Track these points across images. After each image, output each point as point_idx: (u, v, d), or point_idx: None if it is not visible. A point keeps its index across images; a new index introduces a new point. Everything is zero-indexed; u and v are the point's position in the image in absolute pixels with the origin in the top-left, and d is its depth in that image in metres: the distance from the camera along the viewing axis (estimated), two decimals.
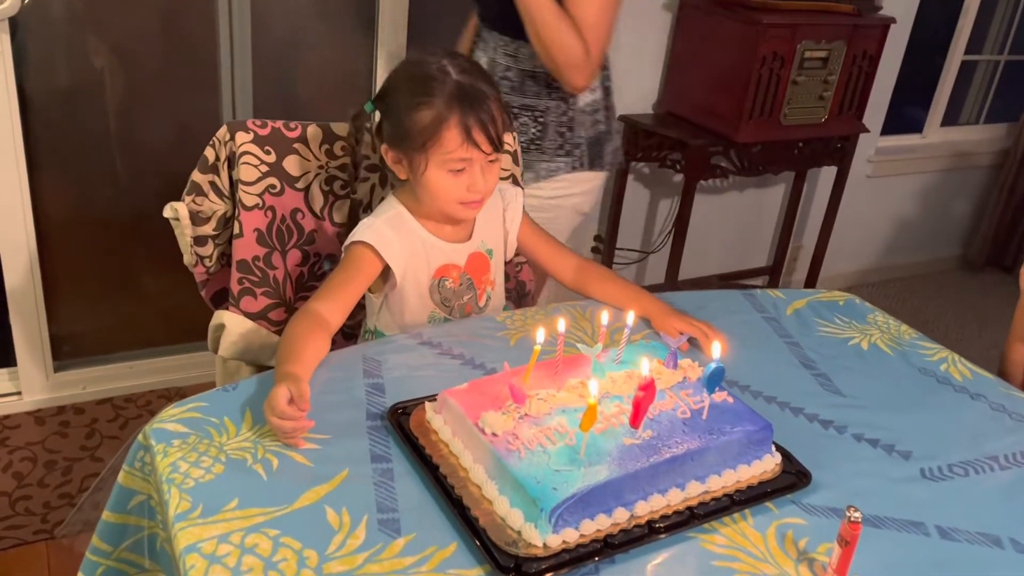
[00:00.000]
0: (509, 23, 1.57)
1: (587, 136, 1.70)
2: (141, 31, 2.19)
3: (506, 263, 1.49)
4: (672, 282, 2.71)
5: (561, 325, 1.10)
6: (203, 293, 1.55)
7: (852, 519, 0.89)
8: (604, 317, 1.18)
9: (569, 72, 1.56)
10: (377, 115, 1.33)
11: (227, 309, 1.48)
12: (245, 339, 1.47)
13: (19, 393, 2.29)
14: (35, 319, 2.22)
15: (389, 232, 1.30)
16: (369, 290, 1.35)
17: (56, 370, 2.32)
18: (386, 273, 1.32)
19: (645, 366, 0.99)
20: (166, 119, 2.30)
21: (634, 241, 2.95)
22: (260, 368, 1.52)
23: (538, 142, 1.68)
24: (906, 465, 1.13)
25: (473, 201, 1.28)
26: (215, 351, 1.51)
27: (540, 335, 1.06)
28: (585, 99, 1.68)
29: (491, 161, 1.27)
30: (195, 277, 1.52)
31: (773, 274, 3.24)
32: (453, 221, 1.35)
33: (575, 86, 1.60)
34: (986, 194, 3.75)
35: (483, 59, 1.68)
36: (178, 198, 1.44)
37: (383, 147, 1.31)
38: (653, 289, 1.48)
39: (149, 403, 2.39)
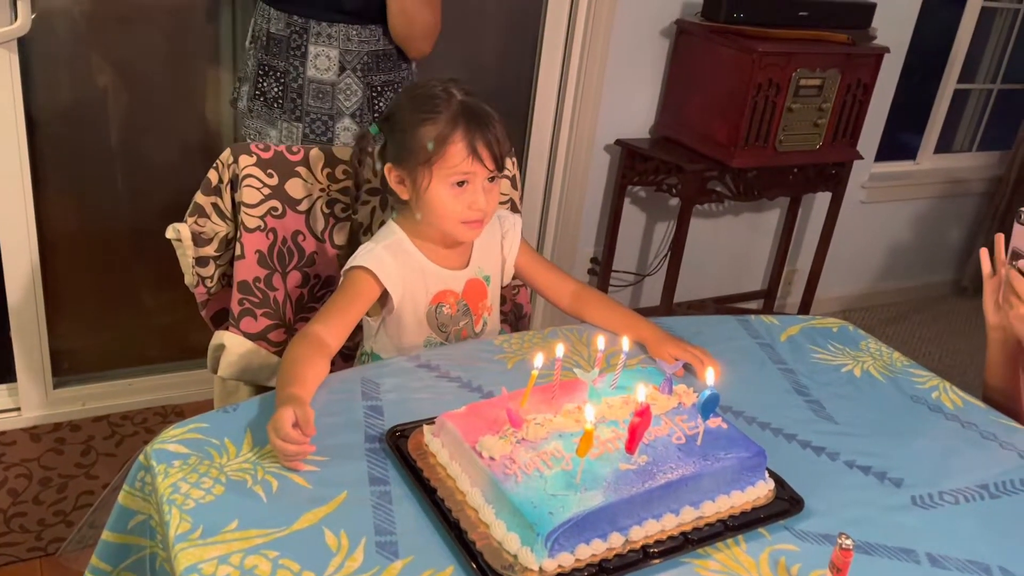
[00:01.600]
0: (367, 11, 1.73)
1: None
2: (144, 51, 2.21)
3: (503, 286, 1.51)
4: (668, 305, 2.73)
5: (559, 350, 1.11)
6: (203, 313, 1.56)
7: (844, 546, 0.90)
8: (600, 342, 1.19)
9: (423, 41, 1.78)
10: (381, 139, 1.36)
11: (227, 329, 1.49)
12: (245, 359, 1.49)
13: (18, 409, 2.30)
14: (36, 335, 2.23)
15: (388, 257, 1.32)
16: (367, 313, 1.37)
17: (55, 387, 2.33)
18: (384, 297, 1.34)
19: (641, 392, 1.01)
20: (167, 138, 2.32)
21: (630, 264, 2.98)
22: (259, 388, 1.53)
23: None
24: (898, 492, 1.15)
25: (474, 220, 1.31)
26: (214, 371, 1.52)
27: (538, 360, 1.07)
28: (414, 62, 1.89)
29: (491, 180, 1.30)
30: (196, 297, 1.53)
31: (768, 298, 3.26)
32: (453, 244, 1.37)
33: (424, 53, 1.81)
34: (979, 221, 3.79)
35: (332, 53, 1.74)
36: (179, 217, 1.46)
37: (386, 167, 1.33)
38: (648, 312, 1.50)
39: (145, 420, 2.40)
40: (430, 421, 1.11)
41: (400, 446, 1.09)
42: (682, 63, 2.68)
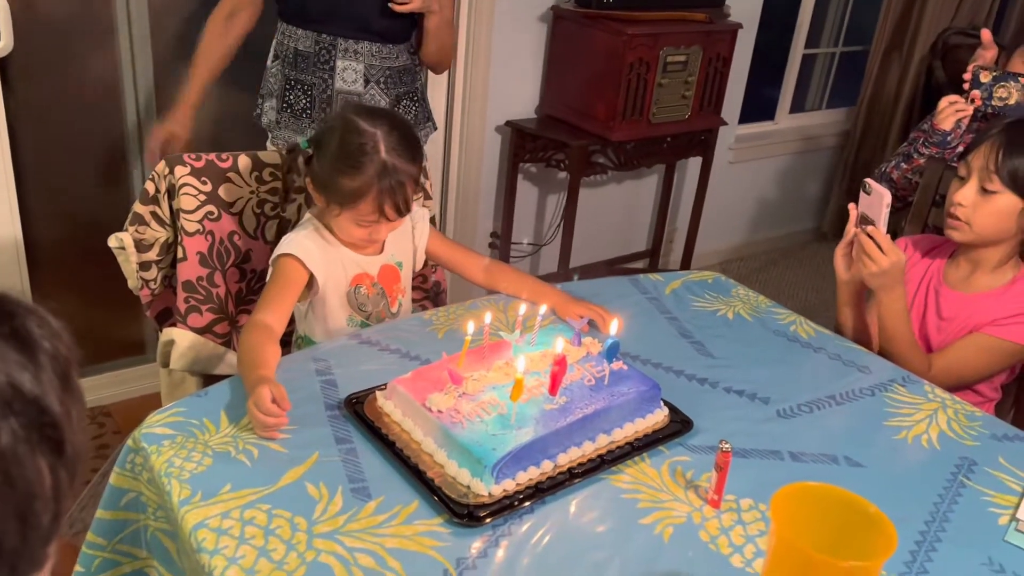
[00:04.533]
0: (390, 33, 1.96)
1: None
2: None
3: (418, 270, 1.70)
4: (564, 270, 2.97)
5: (487, 317, 1.32)
6: (148, 313, 1.69)
7: (723, 449, 1.15)
8: (521, 308, 1.40)
9: (448, 63, 2.14)
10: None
11: (175, 326, 1.63)
12: (194, 351, 1.63)
13: None
14: None
15: (310, 244, 1.48)
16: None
17: None
18: (310, 282, 1.50)
19: (559, 345, 1.23)
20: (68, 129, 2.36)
21: (527, 235, 3.20)
22: (206, 378, 1.67)
23: (419, 114, 2.11)
24: (765, 408, 1.42)
25: (371, 242, 1.49)
26: (164, 365, 1.65)
27: (470, 326, 1.27)
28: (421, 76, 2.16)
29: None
30: (141, 299, 1.66)
31: (653, 256, 3.56)
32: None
33: (446, 70, 2.21)
34: (832, 172, 4.20)
35: (359, 67, 1.95)
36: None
37: (307, 179, 1.48)
38: (548, 278, 1.71)
39: None
40: (381, 387, 1.30)
41: (358, 410, 1.28)
42: (560, 47, 2.90)
